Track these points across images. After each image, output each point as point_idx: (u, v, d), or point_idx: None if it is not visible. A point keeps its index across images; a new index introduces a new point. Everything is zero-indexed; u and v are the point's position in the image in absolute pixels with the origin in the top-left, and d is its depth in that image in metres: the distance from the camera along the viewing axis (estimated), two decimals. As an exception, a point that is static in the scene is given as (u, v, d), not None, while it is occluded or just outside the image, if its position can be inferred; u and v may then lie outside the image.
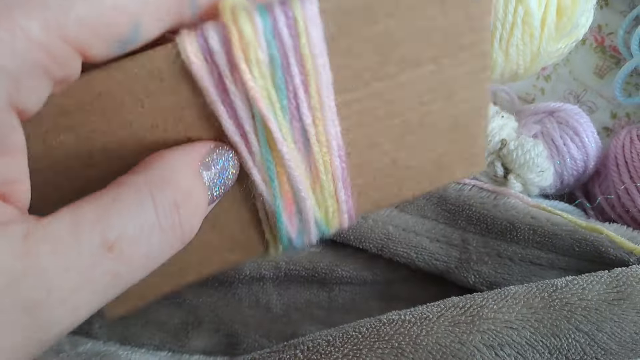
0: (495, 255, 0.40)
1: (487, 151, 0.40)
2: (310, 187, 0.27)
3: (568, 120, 0.43)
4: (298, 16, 0.22)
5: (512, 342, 0.31)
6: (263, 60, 0.22)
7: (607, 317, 0.31)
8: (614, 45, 0.50)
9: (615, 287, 0.32)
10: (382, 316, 0.32)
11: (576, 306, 0.32)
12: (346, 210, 0.29)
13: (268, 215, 0.28)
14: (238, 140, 0.24)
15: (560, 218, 0.38)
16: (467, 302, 0.32)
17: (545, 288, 0.33)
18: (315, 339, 0.32)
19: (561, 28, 0.42)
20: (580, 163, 0.42)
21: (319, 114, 0.25)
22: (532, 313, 0.31)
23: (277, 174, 0.26)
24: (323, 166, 0.27)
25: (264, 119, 0.24)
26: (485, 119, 0.30)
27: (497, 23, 0.41)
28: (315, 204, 0.28)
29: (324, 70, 0.24)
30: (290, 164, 0.25)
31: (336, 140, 0.26)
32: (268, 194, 0.26)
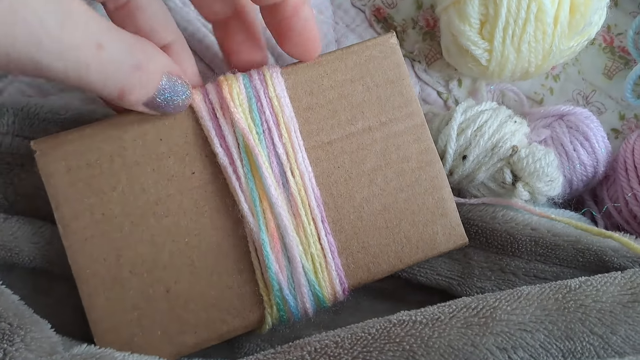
0: (499, 270, 0.39)
1: (497, 157, 0.40)
2: (294, 227, 0.34)
3: (578, 125, 0.42)
4: (266, 73, 0.36)
5: (525, 345, 0.30)
6: (242, 98, 0.35)
7: (622, 320, 0.31)
8: (623, 46, 0.49)
9: (629, 288, 0.32)
10: (392, 316, 0.31)
11: (591, 308, 0.31)
12: (334, 268, 0.35)
13: (260, 262, 0.34)
14: (227, 165, 0.34)
15: (561, 228, 0.38)
16: (479, 302, 0.31)
17: (559, 289, 0.32)
18: (322, 339, 0.31)
19: (574, 25, 0.41)
20: (589, 169, 0.42)
21: (290, 148, 0.35)
22: (545, 315, 0.31)
23: (262, 206, 0.34)
24: (301, 203, 0.34)
25: (246, 140, 0.34)
26: (444, 187, 0.38)
27: (509, 19, 0.40)
28: (300, 245, 0.34)
29: (287, 108, 0.35)
30: (271, 191, 0.34)
31: (310, 180, 0.35)
32: (254, 225, 0.34)
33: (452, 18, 0.42)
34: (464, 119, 0.41)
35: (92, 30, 0.26)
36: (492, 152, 0.40)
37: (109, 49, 0.27)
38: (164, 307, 0.34)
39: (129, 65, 0.29)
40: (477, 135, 0.40)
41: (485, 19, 0.41)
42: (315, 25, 0.35)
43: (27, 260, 0.35)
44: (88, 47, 0.26)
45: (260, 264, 0.34)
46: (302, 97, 0.36)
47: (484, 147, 0.40)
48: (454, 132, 0.41)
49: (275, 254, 0.34)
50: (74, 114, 0.40)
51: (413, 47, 0.48)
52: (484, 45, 0.41)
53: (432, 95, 0.47)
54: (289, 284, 0.34)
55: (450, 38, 0.43)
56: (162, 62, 0.32)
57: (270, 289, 0.34)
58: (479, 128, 0.40)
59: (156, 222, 0.34)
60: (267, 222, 0.34)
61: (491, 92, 0.48)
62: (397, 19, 0.48)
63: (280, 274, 0.34)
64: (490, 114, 0.41)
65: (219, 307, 0.34)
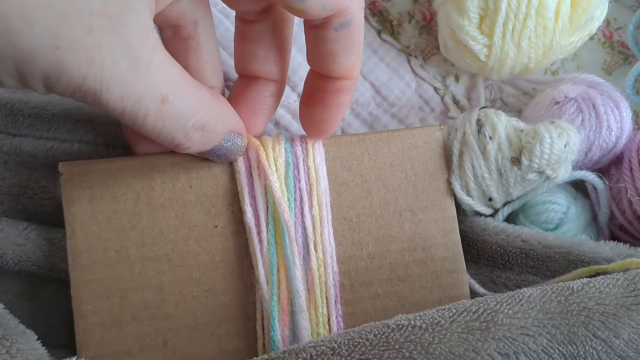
0: (490, 282, 0.39)
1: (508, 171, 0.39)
2: (307, 303, 0.33)
3: (610, 94, 0.41)
4: (309, 141, 0.35)
5: (527, 350, 0.29)
6: (281, 162, 0.34)
7: (625, 323, 0.30)
8: (622, 40, 0.48)
9: (632, 290, 0.31)
10: (390, 320, 0.31)
11: (594, 311, 0.30)
12: None
13: (264, 332, 0.33)
14: (252, 226, 0.34)
15: (552, 239, 0.38)
16: (480, 306, 0.31)
17: (561, 291, 0.31)
18: (318, 345, 0.30)
19: (575, 20, 0.40)
20: (613, 138, 0.40)
21: (318, 221, 0.34)
22: (548, 319, 0.30)
23: (279, 275, 0.33)
24: (318, 279, 0.34)
25: (275, 205, 0.33)
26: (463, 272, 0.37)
27: (509, 14, 0.39)
28: (309, 323, 0.33)
29: (323, 181, 0.35)
30: (291, 262, 0.33)
31: (331, 257, 0.35)
32: (267, 293, 0.33)
33: (451, 12, 0.41)
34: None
35: (160, 81, 0.26)
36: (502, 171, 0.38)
37: (175, 103, 0.27)
38: (158, 358, 0.33)
39: (192, 124, 0.28)
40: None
41: (484, 14, 0.40)
42: (341, 116, 0.34)
43: (12, 264, 0.34)
44: (152, 97, 0.26)
45: (265, 334, 0.33)
46: (339, 171, 0.36)
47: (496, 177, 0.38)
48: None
49: (282, 327, 0.33)
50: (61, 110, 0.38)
51: (409, 42, 0.47)
52: (483, 41, 0.40)
53: (428, 91, 0.46)
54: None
55: (448, 33, 0.42)
56: (229, 122, 0.31)
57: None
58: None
59: (169, 269, 0.33)
60: (281, 293, 0.33)
61: (489, 88, 0.47)
62: (393, 13, 0.47)
63: (283, 348, 0.32)
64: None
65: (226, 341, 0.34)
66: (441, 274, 0.36)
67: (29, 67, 0.22)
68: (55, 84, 0.23)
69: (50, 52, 0.21)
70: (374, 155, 0.37)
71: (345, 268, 0.35)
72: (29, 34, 0.21)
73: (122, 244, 0.33)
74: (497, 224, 0.39)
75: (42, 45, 0.21)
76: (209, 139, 0.30)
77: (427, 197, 0.37)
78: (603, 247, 0.37)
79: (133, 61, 0.24)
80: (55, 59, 0.22)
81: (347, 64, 0.31)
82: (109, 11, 0.22)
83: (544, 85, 0.45)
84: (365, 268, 0.36)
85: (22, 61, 0.21)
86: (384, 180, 0.37)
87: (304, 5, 0.27)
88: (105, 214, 0.33)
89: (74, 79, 0.23)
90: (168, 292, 0.33)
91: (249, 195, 0.34)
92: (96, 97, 0.24)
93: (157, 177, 0.34)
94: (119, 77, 0.24)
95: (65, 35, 0.21)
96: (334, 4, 0.28)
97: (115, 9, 0.23)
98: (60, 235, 0.35)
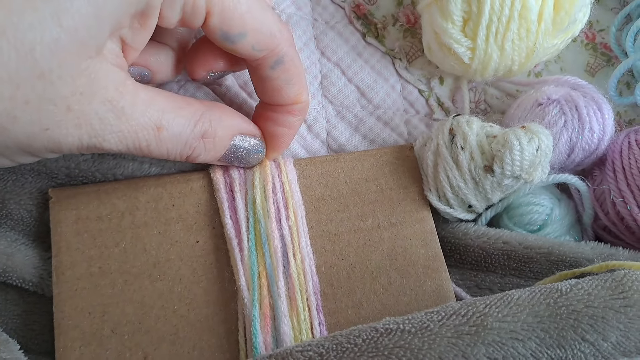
0: (475, 286, 0.39)
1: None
2: (289, 310, 0.33)
3: (593, 96, 0.42)
4: (281, 161, 0.38)
5: (516, 355, 0.29)
6: (258, 178, 0.36)
7: (614, 326, 0.30)
8: (605, 42, 0.49)
9: (621, 292, 0.31)
10: (379, 324, 0.30)
11: (583, 314, 0.30)
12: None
13: (247, 342, 0.33)
14: (233, 237, 0.35)
15: (533, 240, 0.38)
16: (469, 309, 0.30)
17: (550, 293, 0.31)
18: (305, 349, 0.29)
19: (558, 23, 0.40)
20: (595, 139, 0.40)
21: (295, 231, 0.35)
22: (538, 322, 0.30)
23: (259, 282, 0.34)
24: (299, 287, 0.34)
25: (256, 215, 0.35)
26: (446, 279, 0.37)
27: (493, 17, 0.39)
28: (291, 330, 0.33)
29: (297, 195, 0.37)
30: (271, 268, 0.34)
31: (310, 266, 0.35)
32: (248, 300, 0.33)
33: (435, 15, 0.41)
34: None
35: (150, 116, 0.28)
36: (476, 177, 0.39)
37: (169, 127, 0.29)
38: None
39: (192, 138, 0.31)
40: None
41: (468, 17, 0.40)
42: (294, 134, 0.37)
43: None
44: (146, 130, 0.28)
45: (247, 344, 0.33)
46: (316, 187, 0.38)
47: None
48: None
49: (264, 334, 0.33)
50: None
51: (394, 45, 0.47)
52: (467, 43, 0.40)
53: (413, 93, 0.46)
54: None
55: (432, 35, 0.42)
56: (231, 125, 0.34)
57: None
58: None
59: (150, 284, 0.34)
60: (262, 300, 0.33)
61: (473, 90, 0.47)
62: (377, 16, 0.47)
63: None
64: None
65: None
66: (424, 281, 0.37)
67: (31, 148, 0.25)
68: (61, 151, 0.26)
69: (42, 133, 0.25)
70: (349, 172, 0.39)
71: (327, 278, 0.36)
72: (18, 127, 0.24)
73: (105, 260, 0.34)
74: (478, 227, 0.39)
75: (32, 131, 0.24)
76: (215, 145, 0.33)
77: (404, 209, 0.38)
78: (584, 248, 0.38)
79: (118, 111, 0.27)
80: (48, 137, 0.25)
81: (293, 93, 0.35)
82: (79, 90, 0.25)
83: (527, 87, 0.46)
84: (347, 277, 0.36)
85: (23, 145, 0.25)
86: (360, 195, 0.38)
87: (235, 46, 0.31)
88: (90, 233, 0.34)
89: (73, 144, 0.26)
90: (149, 306, 0.33)
91: (228, 208, 0.35)
92: (99, 148, 0.27)
93: (141, 197, 0.35)
94: (110, 127, 0.27)
95: (49, 119, 0.24)
96: (262, 44, 0.31)
97: (84, 87, 0.25)
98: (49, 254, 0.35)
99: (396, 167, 0.39)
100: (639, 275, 0.32)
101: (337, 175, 0.38)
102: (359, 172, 0.39)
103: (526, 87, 0.46)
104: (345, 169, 0.39)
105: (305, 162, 0.38)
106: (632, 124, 0.47)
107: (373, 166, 0.39)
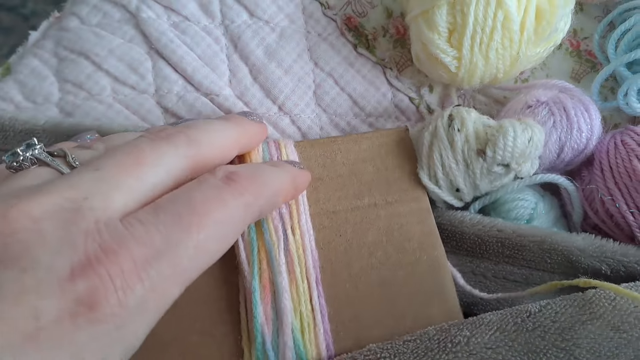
0: (470, 272, 0.40)
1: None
2: (287, 282, 0.34)
3: (580, 98, 0.43)
4: (281, 142, 0.39)
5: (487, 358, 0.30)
6: (259, 159, 0.37)
7: (583, 335, 0.31)
8: (589, 49, 0.50)
9: (588, 309, 0.32)
10: (359, 354, 0.32)
11: (549, 327, 0.32)
12: (322, 332, 0.34)
13: (247, 312, 0.33)
14: None
15: (526, 229, 0.39)
16: (442, 334, 0.32)
17: (518, 314, 0.32)
18: None
19: (540, 32, 0.42)
20: (583, 139, 0.42)
21: (295, 209, 0.36)
22: (504, 335, 0.31)
23: (259, 256, 0.34)
24: (298, 261, 0.34)
25: None
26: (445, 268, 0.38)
27: (477, 27, 0.40)
28: (290, 301, 0.33)
29: None
30: (270, 243, 0.34)
31: (310, 242, 0.36)
32: (248, 273, 0.34)
33: (421, 27, 0.42)
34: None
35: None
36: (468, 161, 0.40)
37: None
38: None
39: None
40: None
41: (453, 28, 0.42)
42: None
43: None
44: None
45: (247, 314, 0.34)
46: (314, 168, 0.39)
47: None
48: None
49: (264, 305, 0.33)
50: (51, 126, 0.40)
51: (384, 55, 0.49)
52: (453, 53, 0.42)
53: (404, 101, 0.48)
54: (273, 339, 0.33)
55: (420, 46, 0.44)
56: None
57: (253, 342, 0.33)
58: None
59: None
60: (262, 273, 0.34)
61: (462, 97, 0.48)
62: (368, 28, 0.49)
63: (266, 326, 0.33)
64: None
65: (196, 354, 0.34)
66: (420, 256, 0.37)
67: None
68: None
69: None
70: (346, 153, 0.40)
71: (326, 253, 0.36)
72: None
73: None
74: (474, 216, 0.40)
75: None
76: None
77: (400, 188, 0.39)
78: (575, 238, 0.38)
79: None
80: None
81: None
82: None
83: (515, 92, 0.47)
84: (345, 252, 0.37)
85: None
86: (358, 175, 0.39)
87: None
88: None
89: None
90: None
91: None
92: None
93: None
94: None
95: None
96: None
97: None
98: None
99: (392, 148, 0.40)
100: (607, 293, 0.33)
101: (334, 156, 0.40)
102: (356, 153, 0.40)
103: (514, 93, 0.47)
104: (343, 150, 0.40)
105: (304, 144, 0.40)
106: (618, 128, 0.48)
107: (369, 147, 0.40)
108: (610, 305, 0.32)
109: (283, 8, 0.48)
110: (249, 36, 0.48)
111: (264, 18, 0.48)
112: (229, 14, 0.48)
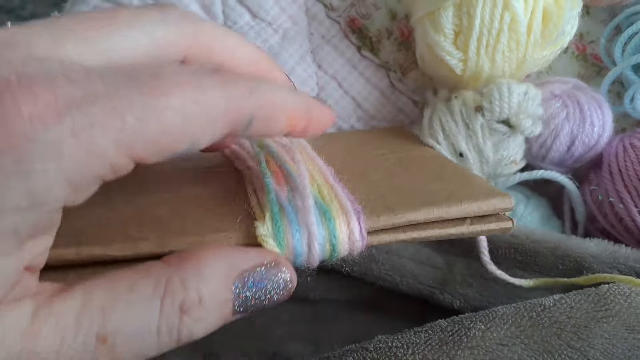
0: (479, 277, 0.39)
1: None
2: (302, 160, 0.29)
3: (594, 96, 0.43)
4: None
5: (503, 357, 0.30)
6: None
7: (597, 334, 0.31)
8: (595, 53, 0.50)
9: (603, 305, 0.32)
10: (369, 344, 0.31)
11: (565, 323, 0.31)
12: (346, 198, 0.27)
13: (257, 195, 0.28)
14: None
15: (540, 235, 0.38)
16: (455, 326, 0.31)
17: (533, 308, 0.32)
18: None
19: (547, 35, 0.41)
20: (595, 135, 0.42)
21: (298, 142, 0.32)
22: (520, 331, 0.31)
23: (265, 158, 0.30)
24: (306, 164, 0.29)
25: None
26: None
27: (483, 29, 0.40)
28: (306, 169, 0.28)
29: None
30: (276, 155, 0.30)
31: (315, 157, 0.31)
32: (254, 165, 0.30)
33: (427, 29, 0.42)
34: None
35: (85, 333, 0.21)
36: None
37: (121, 332, 0.22)
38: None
39: (165, 324, 0.22)
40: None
41: (459, 30, 0.41)
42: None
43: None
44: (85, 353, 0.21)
45: (259, 196, 0.28)
46: (317, 140, 0.32)
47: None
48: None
49: (278, 186, 0.28)
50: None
51: (388, 57, 0.48)
52: (459, 56, 0.41)
53: (408, 104, 0.47)
54: (289, 196, 0.27)
55: (425, 48, 0.43)
56: (219, 270, 0.24)
57: (265, 198, 0.27)
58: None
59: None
60: (270, 167, 0.29)
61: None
62: (372, 30, 0.48)
63: (280, 189, 0.27)
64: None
65: (212, 213, 0.28)
66: (445, 166, 0.35)
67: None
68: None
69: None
70: (349, 134, 0.42)
71: (338, 169, 0.31)
72: None
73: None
74: None
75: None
76: (207, 310, 0.23)
77: (413, 147, 0.40)
78: (589, 244, 0.38)
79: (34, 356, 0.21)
80: None
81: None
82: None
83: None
84: (361, 170, 0.33)
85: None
86: (363, 145, 0.40)
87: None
88: None
89: None
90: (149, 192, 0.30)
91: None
92: None
93: None
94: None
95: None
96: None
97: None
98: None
99: (396, 136, 0.42)
100: (622, 288, 0.32)
101: (337, 137, 0.41)
102: (359, 135, 0.41)
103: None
104: (344, 140, 0.41)
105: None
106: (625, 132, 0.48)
107: (373, 132, 0.42)
108: (626, 303, 0.32)
109: (286, 9, 0.48)
110: (251, 38, 0.47)
111: (267, 19, 0.47)
112: (232, 15, 0.48)
